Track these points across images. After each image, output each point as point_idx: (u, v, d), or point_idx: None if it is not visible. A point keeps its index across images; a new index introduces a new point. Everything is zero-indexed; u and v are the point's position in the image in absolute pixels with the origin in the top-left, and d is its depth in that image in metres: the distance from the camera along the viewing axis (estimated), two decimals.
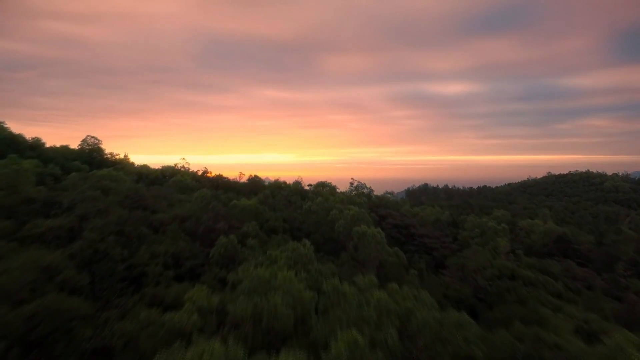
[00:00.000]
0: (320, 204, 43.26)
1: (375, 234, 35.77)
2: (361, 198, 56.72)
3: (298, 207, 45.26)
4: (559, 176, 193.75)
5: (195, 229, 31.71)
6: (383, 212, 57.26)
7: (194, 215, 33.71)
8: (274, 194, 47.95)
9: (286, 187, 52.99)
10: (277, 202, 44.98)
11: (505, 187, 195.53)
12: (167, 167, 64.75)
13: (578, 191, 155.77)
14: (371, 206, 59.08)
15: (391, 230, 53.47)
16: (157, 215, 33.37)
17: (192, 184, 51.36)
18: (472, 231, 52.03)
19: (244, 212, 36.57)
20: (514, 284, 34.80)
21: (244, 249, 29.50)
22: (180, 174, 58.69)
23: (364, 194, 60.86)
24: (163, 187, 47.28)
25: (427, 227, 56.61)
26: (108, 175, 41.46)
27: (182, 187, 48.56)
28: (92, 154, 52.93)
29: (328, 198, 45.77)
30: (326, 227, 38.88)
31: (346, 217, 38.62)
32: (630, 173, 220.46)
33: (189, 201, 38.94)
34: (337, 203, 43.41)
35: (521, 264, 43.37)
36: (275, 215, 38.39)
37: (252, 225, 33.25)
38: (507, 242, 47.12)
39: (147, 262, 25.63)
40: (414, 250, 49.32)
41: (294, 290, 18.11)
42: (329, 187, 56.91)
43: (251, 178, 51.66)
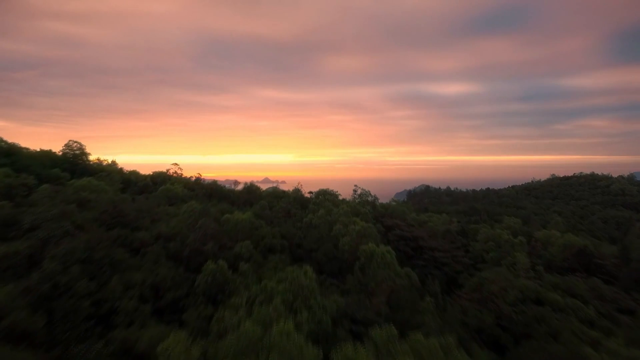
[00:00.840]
0: (322, 217, 39.33)
1: (384, 254, 31.87)
2: (365, 207, 52.80)
3: (298, 220, 41.30)
4: (564, 178, 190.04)
5: (180, 250, 27.73)
6: (389, 222, 53.34)
7: (179, 233, 29.73)
8: (271, 205, 44.00)
9: (285, 196, 49.05)
10: (274, 214, 41.02)
11: (509, 189, 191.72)
12: (158, 173, 60.72)
13: (584, 194, 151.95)
14: (376, 216, 55.22)
15: (398, 243, 49.58)
16: (138, 233, 29.37)
17: (183, 193, 47.37)
18: (486, 244, 48.13)
19: (237, 229, 32.61)
20: (542, 311, 30.95)
21: (235, 275, 25.52)
22: (171, 182, 54.70)
23: (368, 202, 56.96)
24: (150, 198, 43.30)
25: (436, 238, 52.72)
26: (88, 186, 37.53)
27: (172, 197, 44.59)
28: (75, 161, 48.89)
29: (331, 210, 41.82)
30: (329, 243, 34.94)
31: (351, 233, 34.69)
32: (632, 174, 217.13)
33: (177, 215, 34.99)
34: (341, 216, 39.49)
35: (544, 283, 39.56)
36: (272, 231, 34.42)
37: (246, 245, 29.27)
38: (526, 257, 43.29)
39: (119, 296, 21.65)
40: (423, 265, 45.45)
41: (293, 349, 14.21)
42: (331, 194, 52.98)
43: (247, 186, 47.61)
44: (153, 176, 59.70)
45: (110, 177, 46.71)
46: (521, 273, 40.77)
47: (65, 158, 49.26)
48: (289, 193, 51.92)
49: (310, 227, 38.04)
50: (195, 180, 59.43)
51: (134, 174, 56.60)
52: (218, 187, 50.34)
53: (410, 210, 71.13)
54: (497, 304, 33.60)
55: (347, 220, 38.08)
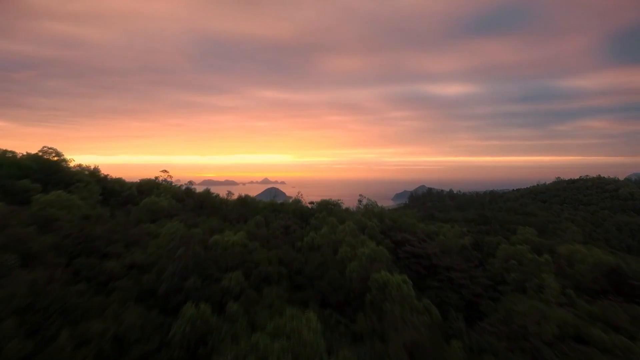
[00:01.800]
0: (326, 236, 34.48)
1: (400, 285, 27.06)
2: (372, 220, 47.97)
3: (298, 238, 36.44)
4: (570, 182, 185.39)
5: (156, 285, 22.87)
6: (398, 237, 48.49)
7: (157, 262, 24.86)
8: (268, 220, 39.19)
9: (283, 209, 44.24)
10: (272, 232, 36.18)
11: (514, 192, 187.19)
12: (146, 181, 55.84)
13: (593, 199, 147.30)
14: (384, 229, 50.44)
15: (409, 261, 44.75)
16: (107, 263, 24.48)
17: (170, 207, 42.49)
18: (507, 263, 43.39)
19: (227, 255, 27.76)
20: (588, 353, 26.24)
21: (221, 319, 20.66)
22: (158, 191, 49.81)
23: (375, 214, 52.13)
24: (131, 213, 38.42)
25: (451, 255, 47.90)
26: (56, 201, 32.63)
27: (156, 211, 39.71)
28: (50, 169, 43.95)
29: (335, 227, 36.97)
30: (334, 270, 30.08)
31: (360, 258, 29.83)
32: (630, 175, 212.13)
33: (159, 236, 30.09)
34: (347, 235, 34.66)
35: (579, 312, 34.89)
36: (268, 256, 29.54)
37: (236, 276, 24.41)
38: (555, 279, 38.61)
39: (69, 356, 16.83)
40: (438, 287, 40.62)
41: None
42: (335, 205, 48.16)
43: (241, 198, 42.67)
44: (140, 184, 54.82)
45: (88, 187, 41.83)
46: (552, 299, 36.06)
47: (41, 165, 44.28)
48: (287, 205, 47.08)
49: (312, 249, 33.17)
50: (186, 189, 54.60)
51: (118, 182, 51.69)
52: (209, 198, 45.46)
53: (417, 220, 66.23)
54: (532, 342, 28.87)
55: (354, 240, 33.26)
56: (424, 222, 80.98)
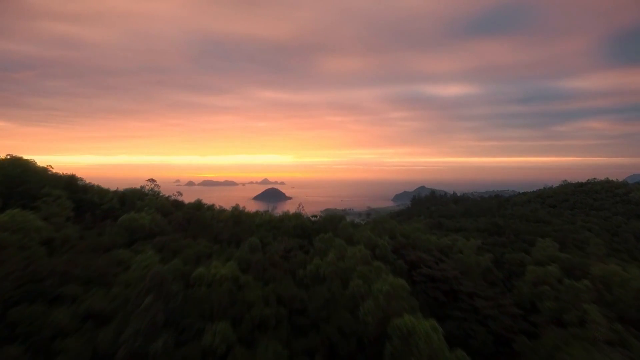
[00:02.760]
0: (333, 264, 28.99)
1: (428, 334, 21.59)
2: (383, 238, 42.53)
3: (300, 264, 30.95)
4: (577, 185, 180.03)
5: (114, 347, 17.37)
6: (412, 256, 42.99)
7: (120, 311, 19.37)
8: (264, 241, 33.74)
9: (282, 225, 38.76)
10: (269, 257, 30.68)
11: (521, 196, 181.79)
12: (130, 191, 50.31)
13: (604, 203, 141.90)
14: (396, 247, 45.03)
15: (426, 285, 39.24)
16: (55, 312, 19.00)
17: (153, 224, 36.96)
18: (538, 287, 38.04)
19: (213, 294, 22.27)
20: None
21: None
22: (142, 204, 44.27)
23: (385, 229, 46.61)
24: (105, 233, 32.90)
25: (472, 277, 42.45)
26: (9, 223, 27.12)
27: (136, 230, 34.22)
28: (14, 181, 38.33)
29: (343, 250, 31.46)
30: (344, 310, 24.64)
31: (376, 296, 24.34)
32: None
33: (132, 267, 24.57)
34: (358, 262, 29.15)
35: (634, 355, 29.53)
36: (263, 292, 24.07)
37: (222, 329, 18.93)
38: (597, 310, 33.29)
39: None
40: (460, 318, 35.18)
41: None
42: (339, 218, 42.62)
43: (235, 213, 37.13)
44: (123, 194, 49.28)
45: (58, 202, 36.28)
46: (599, 337, 30.73)
47: (1, 177, 38.61)
48: (287, 220, 41.57)
49: (317, 281, 27.67)
50: (174, 201, 49.03)
51: (98, 193, 46.13)
52: (198, 214, 39.89)
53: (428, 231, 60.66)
54: None
55: (367, 270, 27.76)
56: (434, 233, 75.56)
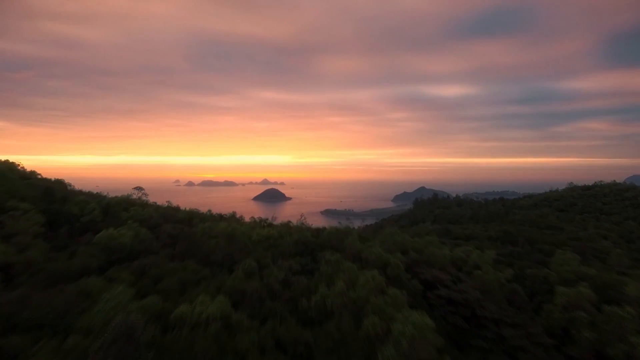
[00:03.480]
0: (342, 295, 24.57)
1: None
2: (395, 254, 38.16)
3: (304, 291, 26.53)
4: (585, 188, 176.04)
5: None
6: (427, 274, 38.51)
7: None
8: (262, 262, 29.32)
9: (283, 242, 34.32)
10: (266, 285, 26.28)
11: (526, 199, 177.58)
12: (117, 200, 45.88)
13: (615, 207, 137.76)
14: (409, 264, 40.64)
15: (445, 310, 34.84)
16: None
17: (136, 241, 32.50)
18: (571, 312, 33.69)
19: (196, 343, 17.87)
20: None
21: None
22: (127, 215, 39.87)
23: (397, 243, 42.15)
24: (78, 253, 28.45)
25: (494, 297, 38.05)
26: None
27: (114, 250, 29.80)
28: None
29: (353, 275, 27.02)
30: (358, 355, 20.28)
31: (398, 340, 19.95)
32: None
33: (99, 301, 20.20)
34: (371, 293, 24.69)
35: None
36: (259, 337, 19.67)
37: None
38: None
39: None
40: (486, 349, 30.84)
41: None
42: (349, 235, 38.14)
43: (229, 231, 32.45)
44: (108, 204, 44.89)
45: (27, 217, 31.87)
46: None
47: None
48: (288, 236, 37.11)
49: (323, 316, 23.27)
50: (165, 210, 44.47)
51: (78, 203, 41.72)
52: (188, 230, 35.31)
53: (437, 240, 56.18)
54: None
55: (382, 303, 23.35)
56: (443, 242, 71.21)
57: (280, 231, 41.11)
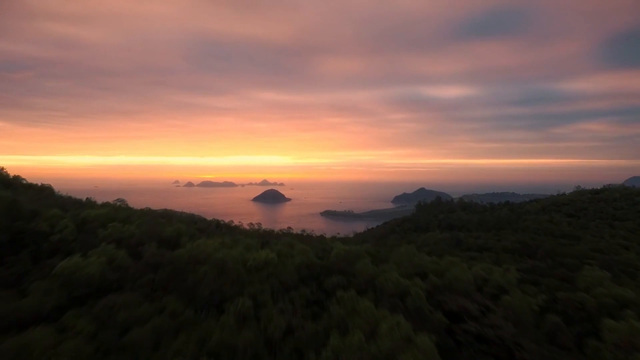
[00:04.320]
0: (360, 349, 19.37)
1: None
2: (414, 280, 32.92)
3: (310, 340, 21.26)
4: (593, 192, 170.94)
5: None
6: (452, 304, 33.25)
7: None
8: (259, 301, 24.07)
9: (285, 270, 28.99)
10: (264, 332, 21.05)
11: (534, 203, 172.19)
12: (94, 214, 40.54)
13: (627, 213, 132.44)
14: (429, 290, 35.47)
15: (475, 350, 29.58)
16: None
17: (113, 266, 27.23)
18: (627, 353, 28.63)
19: None
20: None
21: None
22: (105, 232, 34.56)
23: (415, 264, 36.88)
24: (23, 299, 23.14)
25: (529, 330, 32.90)
26: None
27: (78, 284, 24.53)
28: None
29: (375, 324, 21.78)
30: None
31: None
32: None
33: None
34: (398, 344, 19.51)
35: None
36: None
37: None
38: None
39: None
40: None
41: None
42: (360, 259, 32.85)
43: (219, 263, 26.82)
44: (84, 218, 39.60)
45: None
46: None
47: None
48: (289, 258, 31.84)
49: None
50: (153, 223, 38.71)
51: (48, 218, 36.40)
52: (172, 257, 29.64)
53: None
54: None
55: None
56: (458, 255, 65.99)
57: (280, 251, 35.83)
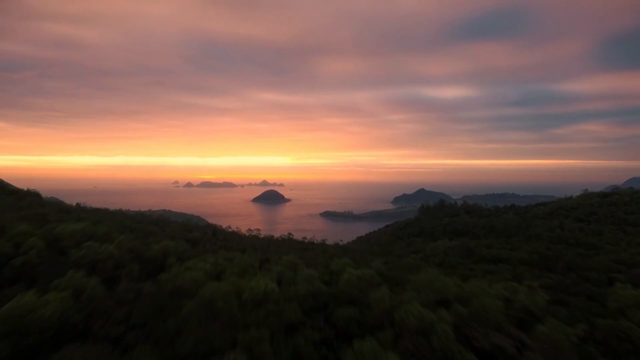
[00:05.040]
0: None
1: None
2: (439, 314, 27.98)
3: None
4: (602, 195, 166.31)
5: None
6: (484, 342, 28.27)
7: None
8: (256, 351, 19.17)
9: (290, 308, 23.99)
10: None
11: (540, 207, 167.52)
12: (69, 231, 35.53)
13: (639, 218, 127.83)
14: (456, 324, 30.60)
15: None
16: None
17: (81, 302, 22.21)
18: None
19: None
20: None
21: None
22: (79, 253, 29.59)
23: (435, 289, 31.95)
24: None
25: None
26: None
27: (31, 329, 19.61)
28: None
29: None
30: None
31: None
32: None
33: None
34: None
35: None
36: None
37: None
38: None
39: None
40: None
41: None
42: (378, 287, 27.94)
43: (207, 301, 21.73)
44: (56, 236, 34.57)
45: None
46: None
47: None
48: (292, 291, 26.91)
49: None
50: (136, 242, 32.80)
51: (16, 236, 31.36)
52: (150, 292, 24.41)
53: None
54: None
55: None
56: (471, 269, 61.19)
57: (281, 274, 30.94)
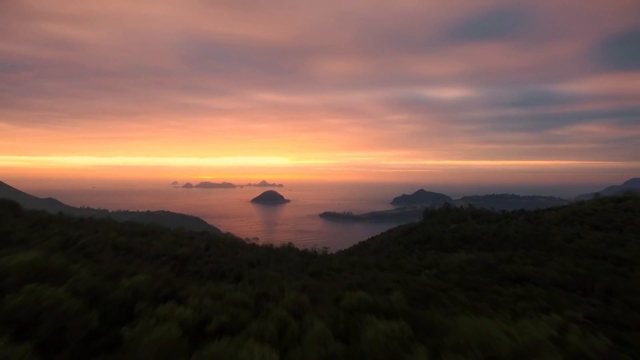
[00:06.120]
0: None
1: None
2: None
3: None
4: (615, 200, 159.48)
5: None
6: None
7: None
8: None
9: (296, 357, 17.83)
10: None
11: (553, 212, 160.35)
12: (26, 262, 28.68)
13: None
14: None
15: None
16: None
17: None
18: None
19: None
20: None
21: None
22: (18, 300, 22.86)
23: (484, 342, 25.44)
24: None
25: None
26: None
27: None
28: None
29: None
30: None
31: None
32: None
33: None
34: None
35: None
36: None
37: None
38: None
39: None
40: None
41: None
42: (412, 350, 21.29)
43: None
44: (7, 268, 27.35)
45: None
46: None
47: None
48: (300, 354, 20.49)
49: None
50: (100, 279, 27.04)
51: None
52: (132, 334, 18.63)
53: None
54: None
55: None
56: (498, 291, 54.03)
57: (282, 322, 23.66)
